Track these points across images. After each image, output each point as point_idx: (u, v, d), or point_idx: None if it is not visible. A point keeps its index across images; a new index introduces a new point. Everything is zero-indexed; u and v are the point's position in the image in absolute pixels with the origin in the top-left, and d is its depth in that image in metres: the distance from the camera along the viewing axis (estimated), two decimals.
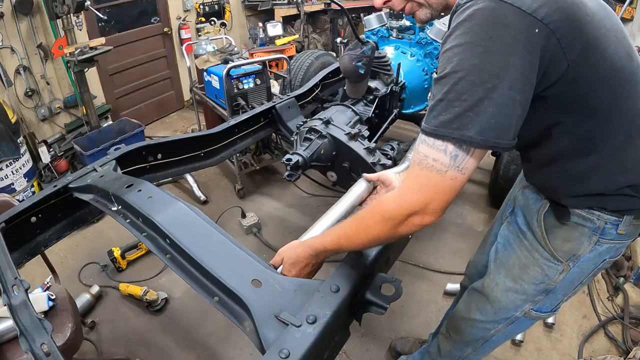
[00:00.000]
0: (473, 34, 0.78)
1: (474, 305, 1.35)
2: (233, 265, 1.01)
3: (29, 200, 1.43)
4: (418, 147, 0.85)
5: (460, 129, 0.78)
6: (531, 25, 0.77)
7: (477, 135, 0.77)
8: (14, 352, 1.48)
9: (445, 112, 0.79)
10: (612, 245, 1.05)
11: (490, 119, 0.77)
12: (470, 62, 0.77)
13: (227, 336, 2.17)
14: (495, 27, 0.77)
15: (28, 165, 3.15)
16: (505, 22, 0.77)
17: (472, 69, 0.77)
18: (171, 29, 4.67)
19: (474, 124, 0.77)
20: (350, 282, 0.98)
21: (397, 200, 0.87)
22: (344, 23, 5.81)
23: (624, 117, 0.91)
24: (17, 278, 1.08)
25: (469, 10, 0.80)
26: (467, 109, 0.77)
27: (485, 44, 0.77)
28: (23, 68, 3.33)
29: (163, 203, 1.23)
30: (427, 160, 0.82)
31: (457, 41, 0.80)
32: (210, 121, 3.82)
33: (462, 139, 0.78)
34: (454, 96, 0.78)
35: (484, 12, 0.78)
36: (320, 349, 0.88)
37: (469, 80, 0.77)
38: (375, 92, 2.60)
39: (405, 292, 2.23)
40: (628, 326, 2.14)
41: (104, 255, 2.63)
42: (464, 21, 0.80)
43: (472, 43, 0.78)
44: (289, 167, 1.96)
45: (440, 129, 0.80)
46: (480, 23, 0.78)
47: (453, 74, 0.79)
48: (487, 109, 0.77)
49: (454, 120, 0.78)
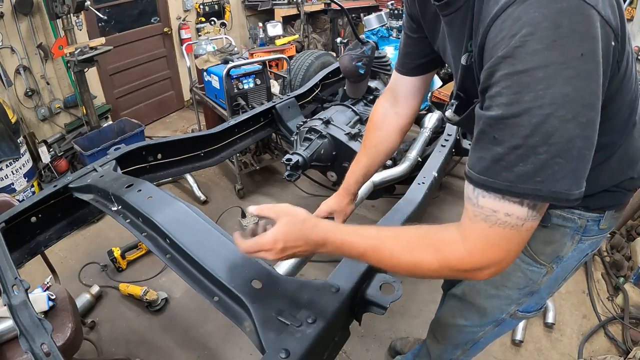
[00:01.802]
0: (563, 50, 0.56)
1: (457, 312, 1.33)
2: (233, 265, 1.01)
3: (29, 200, 1.44)
4: (479, 201, 0.66)
5: (547, 182, 0.59)
6: (610, 36, 0.61)
7: (576, 189, 0.60)
8: (14, 352, 1.48)
9: (524, 163, 0.59)
10: (595, 240, 1.02)
11: (586, 165, 0.60)
12: (562, 91, 0.57)
13: (227, 336, 2.17)
14: (585, 40, 0.58)
15: (28, 165, 3.15)
16: (594, 32, 0.58)
17: (564, 101, 0.57)
18: (171, 29, 4.67)
19: (566, 174, 0.59)
20: (350, 282, 0.98)
21: (464, 256, 0.70)
22: (344, 23, 5.81)
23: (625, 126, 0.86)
24: (17, 278, 1.09)
25: (546, 10, 0.57)
26: (556, 154, 0.58)
27: (577, 65, 0.57)
28: (23, 68, 3.33)
29: (163, 203, 1.23)
30: (496, 216, 0.64)
31: (539, 60, 0.57)
32: (210, 121, 3.82)
33: (556, 197, 0.60)
34: (540, 140, 0.58)
35: (570, 17, 0.57)
36: (320, 349, 0.88)
37: (558, 116, 0.57)
38: (375, 92, 2.60)
39: (405, 292, 2.23)
40: (628, 326, 2.14)
41: (104, 255, 2.63)
42: (546, 28, 0.57)
43: (563, 63, 0.57)
44: (289, 167, 1.96)
45: (519, 185, 0.60)
46: (569, 34, 0.57)
47: (537, 110, 0.57)
48: (580, 151, 0.59)
49: (538, 172, 0.59)
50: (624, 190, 0.95)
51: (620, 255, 2.50)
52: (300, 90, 2.60)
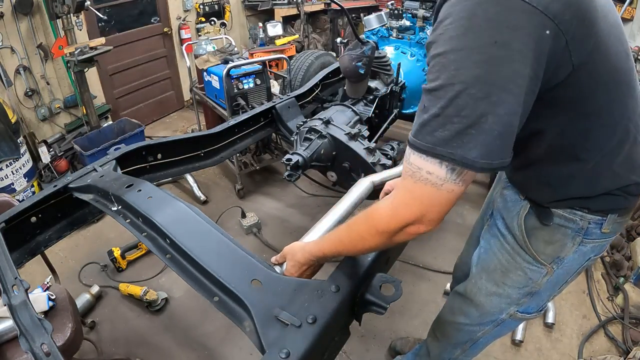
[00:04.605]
0: (474, 37, 0.66)
1: (458, 309, 1.33)
2: (233, 265, 1.01)
3: (29, 200, 1.44)
4: (409, 158, 0.76)
5: (461, 148, 0.68)
6: (541, 26, 0.67)
7: (481, 158, 0.68)
8: (14, 352, 1.48)
9: (442, 129, 0.70)
10: (597, 244, 1.02)
11: (495, 139, 0.68)
12: (472, 72, 0.67)
13: (227, 336, 2.17)
14: (500, 30, 0.66)
15: (28, 165, 3.15)
16: (514, 23, 0.66)
17: (475, 81, 0.66)
18: (171, 29, 4.67)
19: (476, 144, 0.68)
20: (350, 282, 0.98)
21: (390, 213, 0.80)
22: (344, 23, 5.81)
23: (618, 121, 0.87)
24: (17, 278, 1.08)
25: (467, 3, 0.67)
26: (469, 125, 0.67)
27: (489, 51, 0.66)
28: (23, 68, 3.32)
29: (163, 203, 1.23)
30: (420, 172, 0.73)
31: (453, 44, 0.68)
32: (210, 121, 3.82)
33: (465, 162, 0.69)
34: (453, 111, 0.68)
35: (487, 9, 0.66)
36: (320, 349, 0.88)
37: (469, 93, 0.67)
38: (375, 92, 2.60)
39: (405, 292, 2.23)
40: (628, 326, 2.14)
41: (104, 255, 2.63)
42: (462, 19, 0.67)
43: (473, 49, 0.66)
44: (289, 167, 1.96)
45: (437, 148, 0.70)
46: (483, 24, 0.66)
47: (450, 87, 0.68)
48: (491, 127, 0.67)
49: (454, 138, 0.69)
50: (627, 195, 0.95)
51: (620, 255, 2.50)
52: (300, 90, 2.60)
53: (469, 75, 0.67)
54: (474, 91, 0.67)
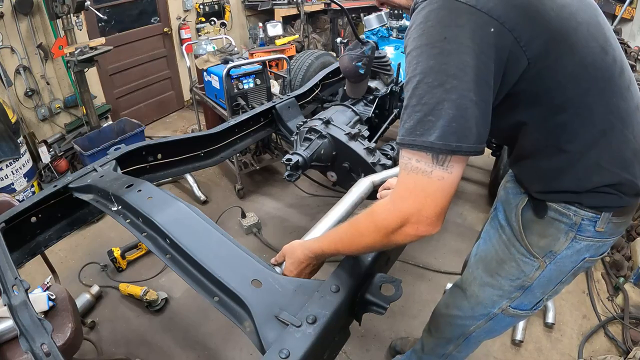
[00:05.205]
0: (428, 36, 0.78)
1: (452, 302, 1.36)
2: (233, 265, 1.01)
3: (29, 200, 1.44)
4: (402, 152, 0.82)
5: (423, 135, 0.76)
6: (486, 25, 0.76)
7: (438, 140, 0.75)
8: (14, 352, 1.48)
9: (409, 119, 0.78)
10: (592, 243, 1.02)
11: (451, 122, 0.75)
12: (428, 64, 0.77)
13: (227, 336, 2.17)
14: (449, 27, 0.77)
15: (28, 165, 3.15)
16: (459, 21, 0.76)
17: (430, 71, 0.76)
18: (171, 29, 4.67)
19: (435, 129, 0.75)
20: (350, 282, 0.98)
21: (388, 207, 0.84)
22: (344, 23, 5.81)
23: (596, 114, 0.89)
24: (17, 278, 1.09)
25: (424, 11, 0.80)
26: (428, 112, 0.76)
27: (440, 45, 0.76)
28: (23, 68, 3.32)
29: (163, 203, 1.23)
30: (411, 162, 0.79)
31: (414, 44, 0.80)
32: (210, 121, 3.82)
33: (424, 146, 0.76)
34: (416, 101, 0.78)
35: (438, 12, 0.78)
36: (320, 349, 0.88)
37: (427, 82, 0.76)
38: (375, 92, 2.60)
39: (405, 292, 2.23)
40: (628, 326, 2.14)
41: (104, 255, 2.63)
42: (420, 23, 0.79)
43: (428, 45, 0.78)
44: (289, 167, 1.96)
45: (405, 138, 0.78)
46: (435, 24, 0.78)
47: (413, 78, 0.78)
48: (447, 111, 0.75)
49: (417, 126, 0.77)
50: (621, 194, 0.95)
51: (620, 255, 2.50)
52: (300, 90, 2.60)
53: (425, 66, 0.77)
54: (430, 80, 0.76)
